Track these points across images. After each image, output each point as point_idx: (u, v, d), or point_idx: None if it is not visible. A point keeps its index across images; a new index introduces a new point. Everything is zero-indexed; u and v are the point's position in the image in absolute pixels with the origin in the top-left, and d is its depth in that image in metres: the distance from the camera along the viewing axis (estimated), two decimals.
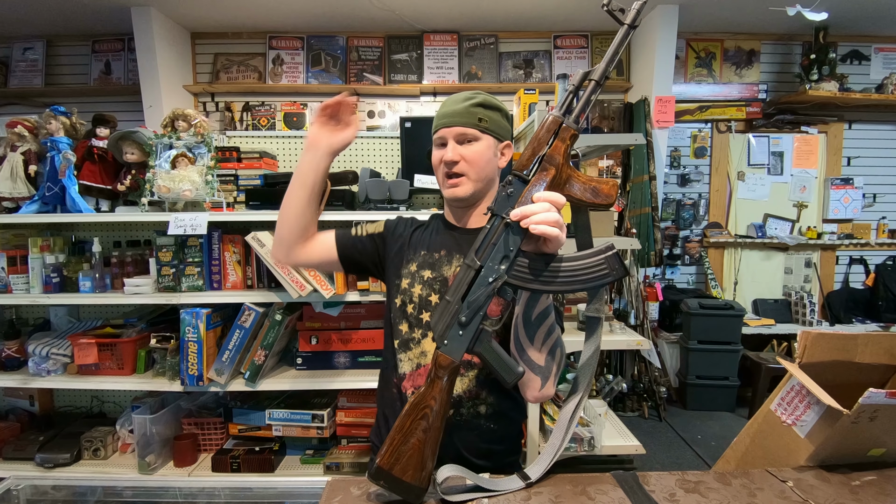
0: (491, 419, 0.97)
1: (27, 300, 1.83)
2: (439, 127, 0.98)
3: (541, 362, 0.84)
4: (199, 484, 1.52)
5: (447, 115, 0.97)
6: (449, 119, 0.96)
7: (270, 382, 1.86)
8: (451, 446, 0.93)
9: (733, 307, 3.20)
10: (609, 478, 0.83)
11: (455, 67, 3.57)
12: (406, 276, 1.01)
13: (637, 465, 2.38)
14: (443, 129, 0.97)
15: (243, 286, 1.92)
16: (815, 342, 0.94)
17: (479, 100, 0.97)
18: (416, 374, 0.97)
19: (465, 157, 0.95)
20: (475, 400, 0.95)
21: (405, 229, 1.08)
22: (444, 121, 0.97)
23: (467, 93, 0.99)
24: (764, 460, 0.96)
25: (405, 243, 1.05)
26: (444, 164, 0.97)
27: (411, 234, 1.07)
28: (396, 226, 1.09)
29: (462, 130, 0.96)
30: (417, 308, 0.98)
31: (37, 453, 1.87)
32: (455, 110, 0.96)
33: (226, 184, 2.03)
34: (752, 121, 3.64)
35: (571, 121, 0.72)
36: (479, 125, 0.96)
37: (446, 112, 0.97)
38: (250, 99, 3.59)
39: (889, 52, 3.66)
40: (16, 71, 3.57)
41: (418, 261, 1.02)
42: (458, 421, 0.94)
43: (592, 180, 0.73)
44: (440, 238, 1.04)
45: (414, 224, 1.10)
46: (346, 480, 0.86)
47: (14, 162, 1.85)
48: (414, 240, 1.05)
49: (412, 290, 0.99)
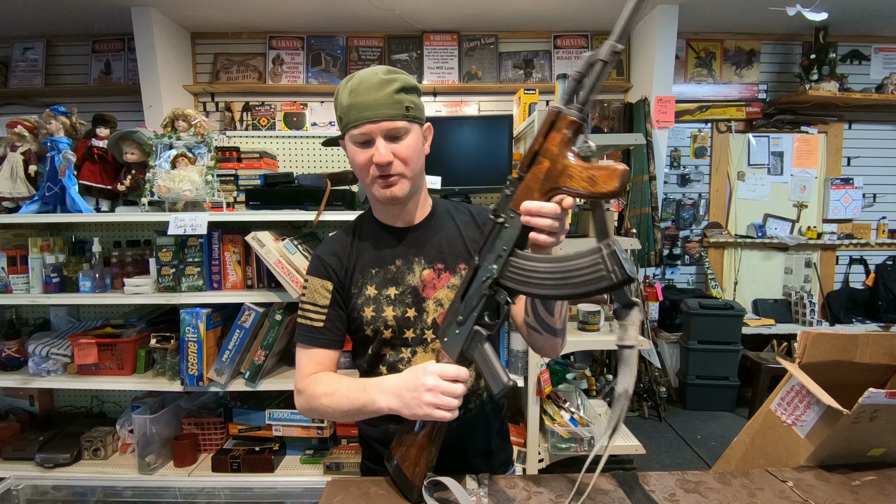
0: (490, 402, 0.98)
1: (27, 300, 1.83)
2: (361, 121, 0.82)
3: (560, 325, 0.84)
4: (199, 484, 1.52)
5: (369, 107, 0.82)
6: (372, 112, 0.82)
7: (270, 382, 1.86)
8: (459, 446, 0.93)
9: (733, 307, 3.20)
10: (609, 478, 0.83)
11: (455, 67, 3.57)
12: (366, 304, 0.92)
13: (637, 465, 2.38)
14: (367, 125, 0.82)
15: (243, 286, 1.92)
16: (815, 342, 0.94)
17: (400, 82, 0.84)
18: None
19: (398, 155, 0.85)
20: (477, 392, 0.95)
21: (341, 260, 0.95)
22: (366, 114, 0.82)
23: (380, 73, 0.84)
24: (764, 460, 0.96)
25: (352, 270, 0.94)
26: (376, 167, 0.85)
27: (348, 259, 0.95)
28: (332, 266, 0.94)
29: (391, 125, 0.83)
30: (397, 329, 0.91)
31: (37, 453, 1.87)
32: (378, 100, 0.82)
33: (226, 184, 2.03)
34: (752, 121, 3.64)
35: (574, 108, 0.64)
36: (407, 115, 0.84)
37: (367, 102, 0.82)
38: (250, 99, 3.59)
39: (889, 52, 3.66)
40: (16, 71, 3.56)
41: (374, 282, 0.92)
42: (466, 419, 0.93)
43: (591, 168, 0.63)
44: (387, 247, 0.94)
45: (341, 247, 0.96)
46: (346, 480, 0.86)
47: (14, 162, 1.85)
48: (359, 263, 0.94)
49: (382, 315, 0.91)
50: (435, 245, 0.95)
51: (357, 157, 0.86)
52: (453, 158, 2.13)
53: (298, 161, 2.30)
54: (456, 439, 0.92)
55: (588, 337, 2.02)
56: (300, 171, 2.29)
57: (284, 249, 1.75)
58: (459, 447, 0.94)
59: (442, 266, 0.93)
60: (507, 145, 2.13)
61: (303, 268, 1.75)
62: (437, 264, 0.93)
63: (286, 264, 1.72)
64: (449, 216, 0.99)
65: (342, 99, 0.84)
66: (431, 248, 0.94)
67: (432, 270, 0.93)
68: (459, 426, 0.92)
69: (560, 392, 2.24)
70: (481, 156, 2.13)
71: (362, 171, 0.88)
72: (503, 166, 2.12)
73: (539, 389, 1.90)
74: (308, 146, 2.29)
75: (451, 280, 0.93)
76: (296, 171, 2.30)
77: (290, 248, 1.76)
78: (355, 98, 0.82)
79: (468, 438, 0.95)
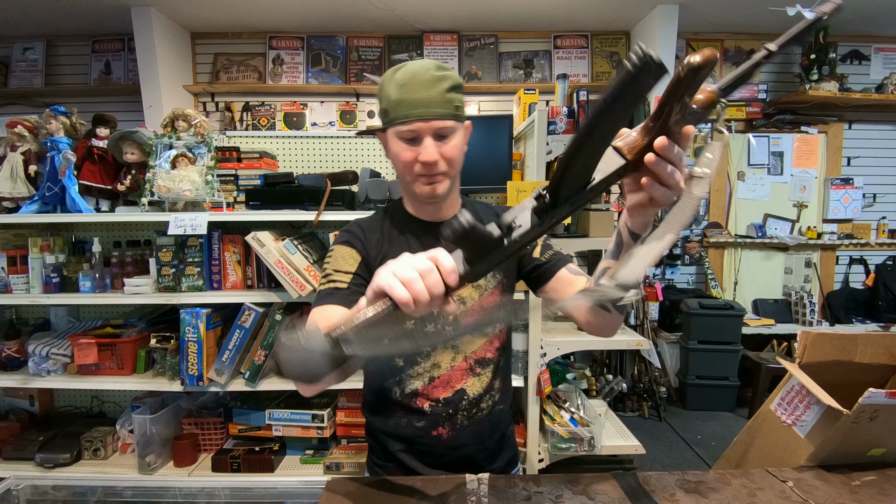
0: (501, 402, 0.99)
1: (27, 300, 1.83)
2: (412, 118, 0.81)
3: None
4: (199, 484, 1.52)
5: (421, 104, 0.80)
6: (425, 110, 0.81)
7: (270, 382, 1.86)
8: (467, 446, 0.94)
9: (733, 307, 3.20)
10: (609, 478, 0.83)
11: (455, 67, 3.57)
12: None
13: (637, 465, 2.38)
14: (417, 123, 0.81)
15: (243, 286, 1.92)
16: (815, 342, 0.94)
17: (451, 80, 0.82)
18: (432, 387, 0.92)
19: (444, 154, 0.84)
20: (490, 392, 0.96)
21: (371, 241, 0.93)
22: (417, 111, 0.81)
23: (432, 69, 0.82)
24: (764, 460, 0.96)
25: (383, 255, 0.91)
26: (422, 165, 0.84)
27: (379, 243, 0.93)
28: (362, 241, 0.92)
29: (442, 125, 0.82)
30: (419, 322, 0.89)
31: (37, 453, 1.87)
32: (430, 98, 0.81)
33: (226, 184, 2.03)
34: (752, 121, 3.64)
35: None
36: (455, 114, 0.84)
37: (419, 99, 0.80)
38: (250, 99, 3.59)
39: (889, 52, 3.66)
40: (16, 71, 3.57)
41: None
42: (479, 418, 0.94)
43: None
44: (415, 240, 0.93)
45: (373, 230, 0.94)
46: (346, 480, 0.86)
47: (14, 162, 1.85)
48: (391, 251, 0.91)
49: None
50: None
51: (402, 153, 0.85)
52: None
53: (298, 161, 2.30)
54: (465, 439, 0.93)
55: (588, 337, 2.02)
56: (300, 171, 2.29)
57: (284, 249, 1.75)
58: (468, 447, 0.94)
59: None
60: (507, 145, 2.12)
61: (303, 268, 1.75)
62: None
63: (286, 264, 1.72)
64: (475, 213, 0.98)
65: (390, 92, 0.82)
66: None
67: None
68: (470, 425, 0.94)
69: (560, 392, 2.24)
70: (481, 156, 2.13)
71: (405, 168, 0.86)
72: (503, 166, 2.11)
73: (539, 389, 1.90)
74: (308, 146, 2.29)
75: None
76: (296, 171, 2.30)
77: (290, 248, 1.76)
78: (406, 93, 0.80)
79: (477, 438, 0.95)
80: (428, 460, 0.94)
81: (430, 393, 0.93)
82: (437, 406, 0.92)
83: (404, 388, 0.93)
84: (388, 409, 0.95)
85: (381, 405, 0.97)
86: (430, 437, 0.93)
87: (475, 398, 0.93)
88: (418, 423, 0.93)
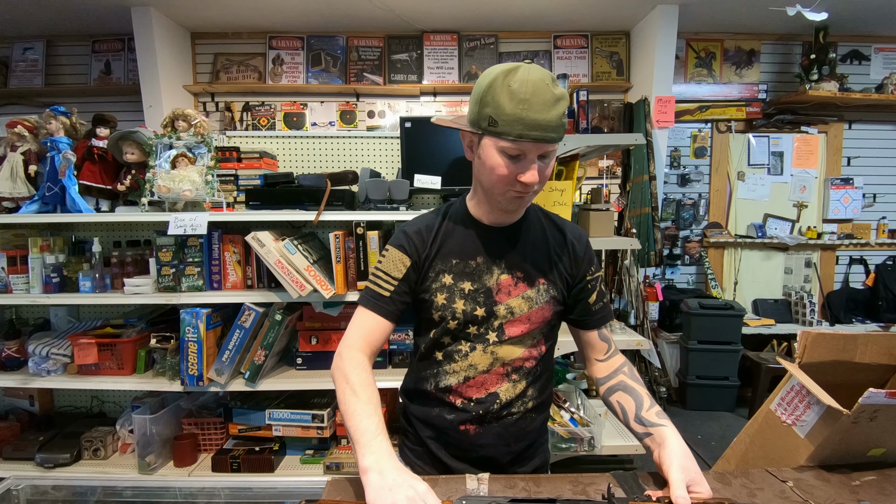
0: (535, 411, 0.98)
1: (27, 300, 1.83)
2: (525, 139, 0.77)
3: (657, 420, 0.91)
4: (199, 484, 1.52)
5: (539, 127, 0.76)
6: (541, 133, 0.77)
7: (270, 382, 1.86)
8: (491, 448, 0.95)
9: (733, 307, 3.20)
10: (609, 478, 0.83)
11: (455, 67, 3.57)
12: (440, 290, 0.91)
13: (637, 465, 2.38)
14: (529, 144, 0.78)
15: (243, 286, 1.92)
16: (815, 342, 0.94)
17: (566, 102, 0.79)
18: (466, 385, 0.93)
19: (542, 175, 0.83)
20: (523, 398, 0.96)
21: (426, 242, 0.94)
22: (534, 133, 0.77)
23: (551, 85, 0.77)
24: (764, 460, 0.96)
25: (433, 255, 0.93)
26: (520, 184, 0.82)
27: (432, 244, 0.94)
28: (416, 244, 0.93)
29: (551, 148, 0.81)
30: (462, 323, 0.91)
31: (37, 453, 1.87)
32: (549, 122, 0.77)
33: (226, 184, 2.03)
34: (752, 121, 3.64)
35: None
36: (561, 137, 0.81)
37: (539, 122, 0.76)
38: (250, 99, 3.59)
39: (889, 52, 3.66)
40: (16, 71, 3.56)
41: (452, 272, 0.92)
42: (508, 422, 0.95)
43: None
44: (472, 242, 0.93)
45: (428, 229, 0.95)
46: (346, 480, 0.86)
47: (14, 162, 1.85)
48: (443, 249, 0.93)
49: (453, 305, 0.91)
50: (519, 252, 0.94)
51: (501, 168, 0.81)
52: (453, 158, 2.13)
53: (298, 161, 2.30)
54: (491, 439, 0.94)
55: None
56: (300, 171, 2.29)
57: (284, 249, 1.75)
58: (493, 447, 0.95)
59: (521, 275, 0.93)
60: None
61: (303, 268, 1.75)
62: (516, 272, 0.93)
63: (286, 264, 1.72)
64: (540, 226, 0.98)
65: (503, 103, 0.77)
66: (515, 254, 0.93)
67: (511, 276, 0.92)
68: (498, 427, 0.94)
69: (560, 392, 2.24)
70: None
71: (500, 180, 0.83)
72: None
73: None
74: (308, 146, 2.29)
75: (526, 291, 0.92)
76: (296, 171, 2.30)
77: (290, 248, 1.76)
78: (525, 112, 0.76)
79: (503, 441, 0.95)
80: (454, 452, 0.96)
81: (464, 391, 0.94)
82: (469, 404, 0.93)
83: (439, 382, 0.95)
84: (423, 397, 0.98)
85: (418, 393, 0.99)
86: (457, 431, 0.94)
87: (507, 402, 0.94)
88: (448, 416, 0.95)
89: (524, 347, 0.93)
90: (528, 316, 0.92)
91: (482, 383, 0.93)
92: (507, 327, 0.92)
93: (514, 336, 0.92)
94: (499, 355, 0.92)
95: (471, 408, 0.93)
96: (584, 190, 3.30)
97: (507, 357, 0.93)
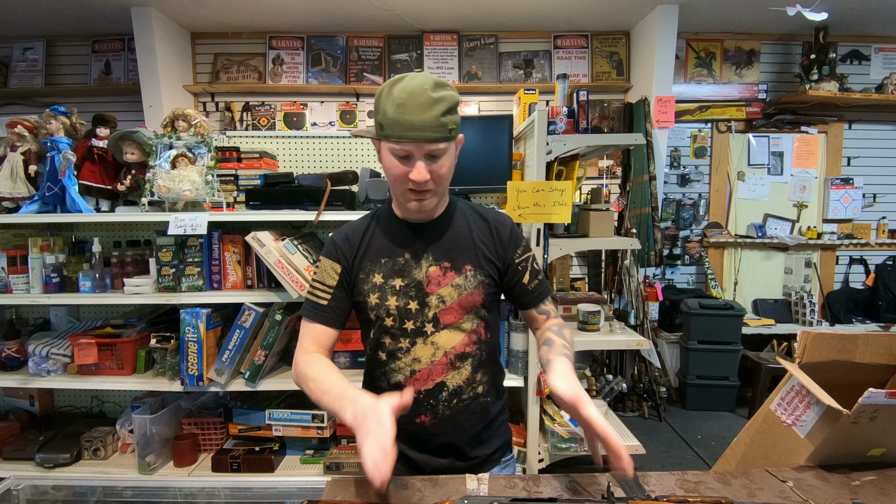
0: (488, 394, 1.02)
1: (27, 300, 1.83)
2: (405, 140, 0.84)
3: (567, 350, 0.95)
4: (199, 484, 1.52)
5: (415, 128, 0.83)
6: (418, 133, 0.83)
7: (270, 382, 1.86)
8: (451, 435, 0.98)
9: (733, 307, 3.20)
10: (609, 478, 0.83)
11: (455, 67, 3.57)
12: (372, 290, 0.96)
13: (637, 465, 2.38)
14: (410, 145, 0.84)
15: (243, 286, 1.92)
16: (815, 342, 0.94)
17: (446, 103, 0.84)
18: (413, 379, 0.96)
19: (434, 174, 0.88)
20: (472, 384, 0.99)
21: (353, 246, 0.99)
22: (410, 134, 0.83)
23: (429, 89, 0.83)
24: (764, 460, 0.96)
25: (361, 257, 0.98)
26: (412, 182, 0.87)
27: (359, 246, 0.99)
28: (343, 251, 0.99)
29: (434, 147, 0.85)
30: (398, 319, 0.95)
31: (37, 453, 1.87)
32: (424, 122, 0.83)
33: (226, 184, 2.03)
34: (752, 121, 3.64)
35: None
36: (448, 136, 0.86)
37: (413, 123, 0.83)
38: (250, 99, 3.59)
39: (889, 52, 3.66)
40: (16, 71, 3.56)
41: (382, 270, 0.97)
42: (459, 408, 0.97)
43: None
44: (398, 239, 0.98)
45: (355, 233, 1.01)
46: (346, 480, 0.86)
47: (14, 162, 1.85)
48: (370, 250, 0.98)
49: (386, 303, 0.95)
50: (444, 243, 0.98)
51: (394, 168, 0.88)
52: None
53: (298, 161, 2.30)
54: (447, 427, 0.97)
55: (588, 337, 2.02)
56: (300, 171, 2.29)
57: (284, 249, 1.75)
58: (450, 434, 0.98)
59: (448, 265, 0.97)
60: (507, 145, 2.12)
61: (303, 268, 1.75)
62: (443, 262, 0.97)
63: (286, 264, 1.72)
64: (464, 217, 1.02)
65: (386, 109, 0.84)
66: (440, 246, 0.98)
67: (438, 268, 0.96)
68: (451, 415, 0.97)
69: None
70: (481, 156, 2.12)
71: (395, 181, 0.90)
72: (503, 166, 2.11)
73: (539, 389, 1.90)
74: (308, 146, 2.29)
75: (455, 279, 0.96)
76: (296, 171, 2.30)
77: (290, 248, 1.76)
78: (401, 114, 0.83)
79: (459, 427, 0.98)
80: (415, 445, 0.99)
81: (413, 385, 0.97)
82: (419, 396, 0.96)
83: (389, 380, 0.99)
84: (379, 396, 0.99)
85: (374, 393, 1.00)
86: (414, 424, 0.97)
87: (455, 390, 0.97)
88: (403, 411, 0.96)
89: (463, 333, 0.97)
90: (460, 302, 0.96)
91: (428, 374, 0.96)
92: (441, 316, 0.95)
93: (450, 324, 0.96)
94: (439, 345, 0.96)
95: (422, 400, 0.96)
96: (584, 190, 3.30)
97: (447, 345, 0.96)
